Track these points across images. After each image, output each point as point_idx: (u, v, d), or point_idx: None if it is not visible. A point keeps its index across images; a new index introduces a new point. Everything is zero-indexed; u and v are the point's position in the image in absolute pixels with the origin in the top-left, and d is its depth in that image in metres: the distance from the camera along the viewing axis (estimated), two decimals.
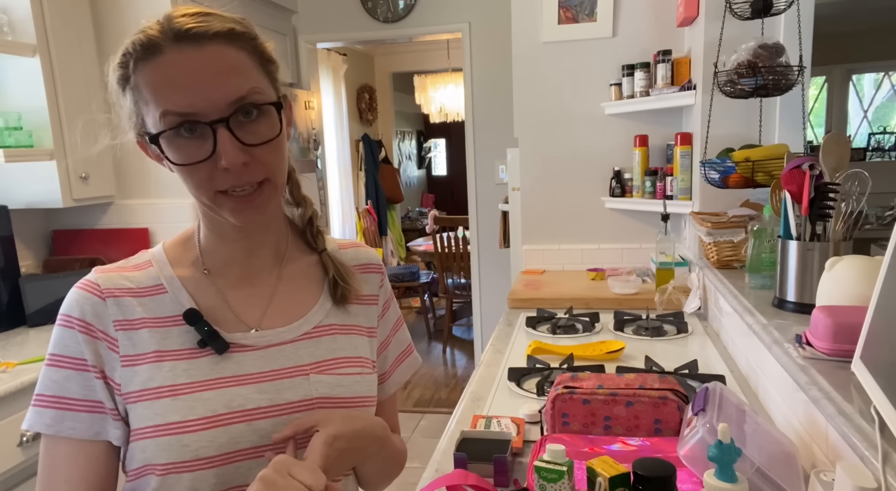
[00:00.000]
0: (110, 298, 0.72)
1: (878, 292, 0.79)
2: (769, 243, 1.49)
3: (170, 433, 0.68)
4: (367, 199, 5.98)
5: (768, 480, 0.84)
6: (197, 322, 0.73)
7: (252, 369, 0.74)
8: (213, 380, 0.72)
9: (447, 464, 1.11)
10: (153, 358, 0.71)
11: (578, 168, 2.60)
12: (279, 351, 0.76)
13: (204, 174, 0.68)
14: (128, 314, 0.72)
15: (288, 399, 0.74)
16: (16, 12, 2.09)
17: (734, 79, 1.70)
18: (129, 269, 0.77)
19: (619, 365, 1.55)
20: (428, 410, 3.69)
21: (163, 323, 0.73)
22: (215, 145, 0.66)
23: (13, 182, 2.24)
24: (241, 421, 0.71)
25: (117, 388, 0.71)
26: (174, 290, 0.76)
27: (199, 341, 0.73)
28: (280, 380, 0.75)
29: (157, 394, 0.70)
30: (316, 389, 0.76)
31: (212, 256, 0.79)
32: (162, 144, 0.68)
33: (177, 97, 0.65)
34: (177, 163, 0.68)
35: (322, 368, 0.78)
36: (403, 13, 3.60)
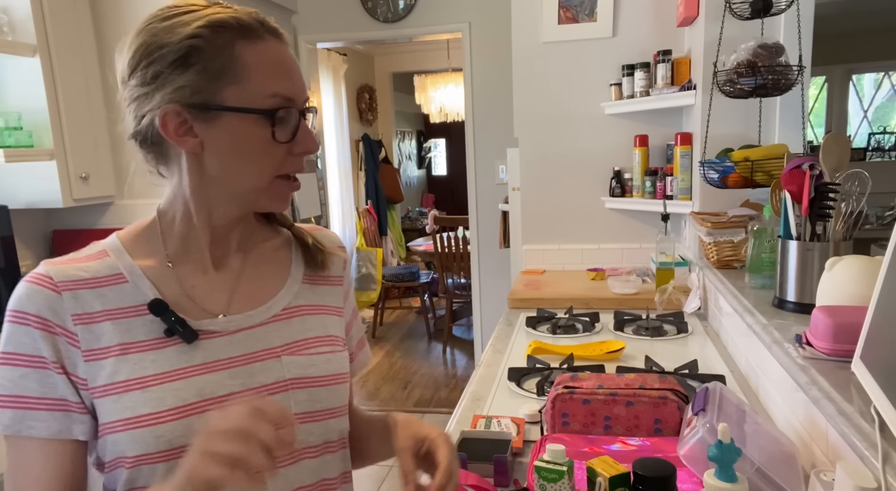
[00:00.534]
0: (66, 292, 0.69)
1: (878, 292, 0.79)
2: (769, 243, 1.49)
3: (141, 425, 0.67)
4: (367, 199, 5.98)
5: (768, 480, 0.84)
6: (163, 312, 0.71)
7: (222, 355, 0.73)
8: (181, 369, 0.71)
9: None
10: (118, 351, 0.70)
11: (578, 168, 2.60)
12: (248, 335, 0.76)
13: (279, 156, 0.72)
14: (86, 307, 0.70)
15: (260, 382, 0.74)
16: (16, 12, 2.09)
17: (734, 78, 1.70)
18: (81, 259, 0.73)
19: (619, 365, 1.55)
20: (428, 410, 3.69)
21: (125, 314, 0.71)
22: (296, 132, 0.72)
23: (13, 182, 2.24)
24: (214, 407, 0.69)
25: (82, 382, 0.69)
26: (135, 278, 0.73)
27: (166, 331, 0.71)
28: (251, 364, 0.74)
29: (124, 387, 0.69)
30: (288, 370, 0.76)
31: (176, 245, 0.77)
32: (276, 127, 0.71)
33: (284, 82, 0.71)
34: (279, 140, 0.71)
35: (293, 350, 0.78)
36: (403, 13, 3.61)
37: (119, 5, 2.36)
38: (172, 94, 0.69)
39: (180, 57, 0.68)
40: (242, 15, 0.71)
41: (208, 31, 0.68)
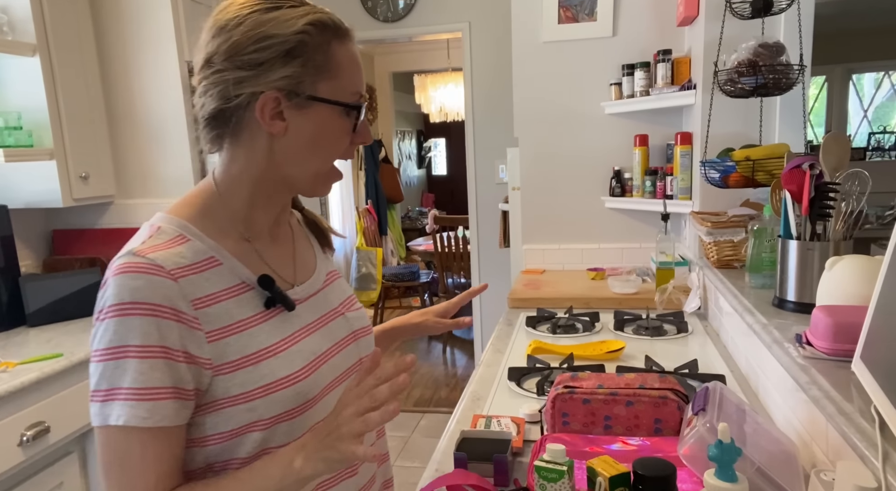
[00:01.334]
0: (181, 279, 0.72)
1: (878, 292, 0.79)
2: (769, 243, 1.49)
3: (284, 386, 0.75)
4: (367, 198, 5.98)
5: (768, 480, 0.84)
6: (271, 286, 0.79)
7: (310, 318, 0.84)
8: (294, 334, 0.80)
9: (447, 464, 1.11)
10: (237, 327, 0.75)
11: (578, 168, 2.60)
12: (317, 299, 0.87)
13: (344, 144, 0.81)
14: (199, 291, 0.73)
15: (340, 336, 0.87)
16: (16, 12, 2.09)
17: (734, 78, 1.70)
18: (166, 245, 0.74)
19: (619, 365, 1.55)
20: (428, 410, 3.69)
21: (229, 293, 0.76)
22: (357, 123, 0.81)
23: (13, 182, 2.24)
24: (324, 362, 0.82)
25: (207, 362, 0.72)
26: (227, 261, 0.78)
27: (266, 303, 0.78)
28: (329, 323, 0.87)
29: (256, 358, 0.75)
30: (351, 324, 0.91)
31: (246, 223, 0.83)
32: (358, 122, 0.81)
33: (360, 80, 0.81)
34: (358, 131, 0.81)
35: (347, 307, 0.92)
36: (403, 13, 3.60)
37: (119, 5, 2.36)
38: (277, 81, 0.75)
39: (289, 49, 0.75)
40: (334, 17, 0.79)
41: (314, 28, 0.76)
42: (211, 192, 0.81)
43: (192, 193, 0.82)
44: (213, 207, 0.80)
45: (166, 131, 2.41)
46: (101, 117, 2.40)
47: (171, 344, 0.69)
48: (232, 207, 0.81)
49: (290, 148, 0.78)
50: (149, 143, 2.44)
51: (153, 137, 2.43)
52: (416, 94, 5.97)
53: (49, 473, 1.73)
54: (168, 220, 0.77)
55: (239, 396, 0.73)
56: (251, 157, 0.79)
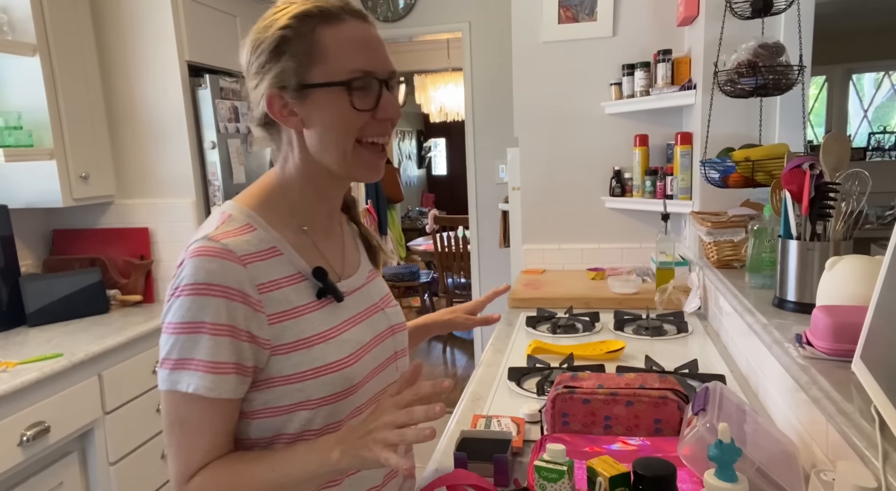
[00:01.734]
0: (249, 265, 0.78)
1: (878, 292, 0.79)
2: (769, 243, 1.49)
3: (333, 371, 0.82)
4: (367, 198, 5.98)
5: (768, 480, 0.84)
6: (324, 278, 0.85)
7: (355, 311, 0.90)
8: (342, 323, 0.86)
9: (447, 464, 1.11)
10: (295, 313, 0.81)
11: (578, 168, 2.60)
12: (361, 294, 0.93)
13: (360, 123, 0.81)
14: (263, 277, 0.79)
15: (380, 330, 0.93)
16: (16, 12, 2.09)
17: (734, 78, 1.70)
18: (236, 232, 0.80)
19: (619, 365, 1.55)
20: None
21: (289, 282, 0.82)
22: (378, 100, 0.81)
23: (13, 182, 2.24)
24: (367, 351, 0.88)
25: (266, 343, 0.78)
26: (287, 252, 0.84)
27: (318, 293, 0.84)
28: (371, 316, 0.93)
29: (309, 342, 0.81)
30: (390, 319, 0.97)
31: (304, 216, 0.88)
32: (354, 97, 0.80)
33: (362, 56, 0.80)
34: (358, 108, 0.80)
35: (386, 303, 0.98)
36: (403, 13, 3.60)
37: (119, 5, 2.36)
38: (272, 79, 0.80)
39: (274, 47, 0.80)
40: (324, 3, 0.81)
41: (294, 20, 0.79)
42: (273, 186, 0.88)
43: (256, 185, 0.88)
44: (275, 200, 0.87)
45: (166, 131, 2.41)
46: (101, 117, 2.40)
47: (238, 324, 0.76)
48: (290, 200, 0.87)
49: (313, 137, 0.83)
50: (149, 143, 2.44)
51: (153, 137, 2.43)
52: (416, 94, 5.97)
53: (49, 473, 1.73)
54: (238, 209, 0.84)
55: (292, 376, 0.80)
56: (293, 153, 0.85)
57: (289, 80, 0.80)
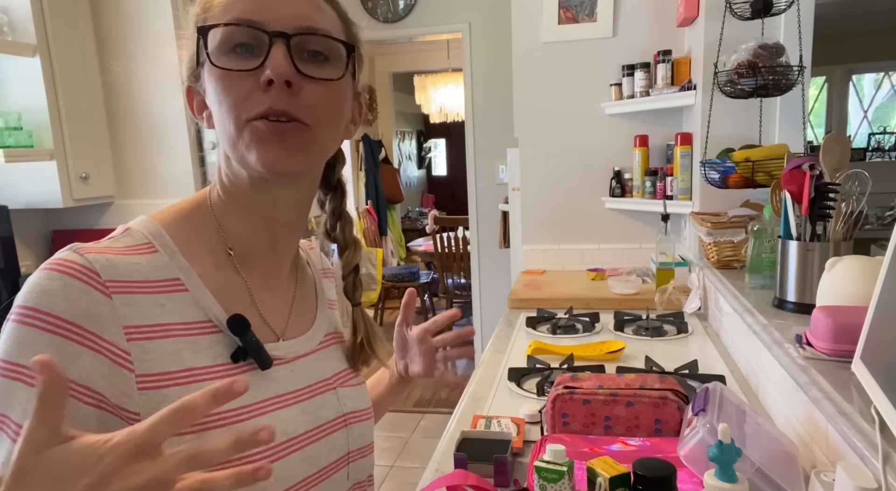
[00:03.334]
0: (119, 295, 0.54)
1: (879, 292, 0.79)
2: (769, 243, 1.49)
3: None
4: (368, 199, 5.98)
5: (768, 481, 0.84)
6: (244, 333, 0.60)
7: (290, 387, 0.64)
8: (261, 402, 0.59)
9: (447, 464, 1.11)
10: (186, 377, 0.55)
11: (578, 168, 2.60)
12: (305, 364, 0.67)
13: (239, 91, 0.58)
14: (143, 318, 0.55)
15: (325, 419, 0.66)
16: (16, 12, 2.09)
17: (734, 79, 1.70)
18: (127, 251, 0.58)
19: (619, 365, 1.55)
20: (428, 410, 3.69)
21: (188, 330, 0.58)
22: (266, 58, 0.58)
23: (13, 182, 2.24)
24: (295, 449, 0.61)
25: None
26: (195, 289, 0.60)
27: (234, 354, 0.59)
28: (315, 397, 0.66)
29: (202, 425, 0.55)
30: (344, 403, 0.70)
31: (233, 239, 0.65)
32: (210, 50, 0.59)
33: (245, 4, 0.59)
34: (219, 66, 0.59)
35: (342, 381, 0.71)
36: (403, 13, 3.61)
37: (119, 5, 2.36)
38: (186, 70, 0.65)
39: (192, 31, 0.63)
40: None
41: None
42: (201, 199, 0.66)
43: (187, 198, 0.67)
44: (200, 218, 0.65)
45: (166, 131, 2.41)
46: (101, 117, 2.40)
47: (78, 378, 0.51)
48: (220, 221, 0.65)
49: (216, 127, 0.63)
50: (149, 143, 2.44)
51: (153, 138, 2.43)
52: (416, 94, 5.97)
53: None
54: (143, 224, 0.62)
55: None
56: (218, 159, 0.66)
57: (193, 64, 0.63)
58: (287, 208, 0.67)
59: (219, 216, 0.65)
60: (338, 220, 0.76)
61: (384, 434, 3.38)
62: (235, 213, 0.65)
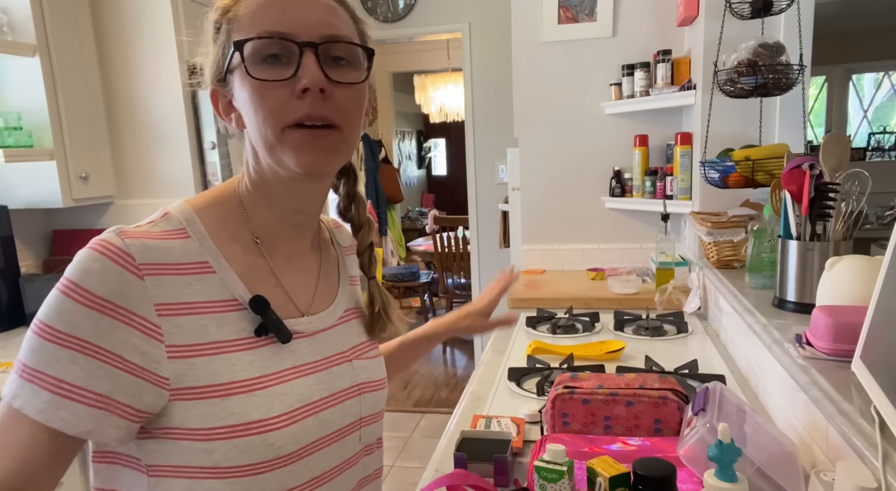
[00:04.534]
0: (151, 277, 0.60)
1: (878, 292, 0.79)
2: (769, 243, 1.49)
3: (252, 433, 0.62)
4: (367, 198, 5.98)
5: (768, 480, 0.84)
6: (265, 311, 0.66)
7: (308, 358, 0.70)
8: (279, 372, 0.66)
9: (447, 464, 1.11)
10: (209, 349, 0.62)
11: (578, 168, 2.60)
12: (325, 337, 0.74)
13: (276, 101, 0.64)
14: (173, 297, 0.61)
15: (339, 387, 0.72)
16: (16, 12, 2.09)
17: (734, 78, 1.70)
18: (163, 235, 0.64)
19: (619, 365, 1.55)
20: (428, 410, 3.69)
21: (214, 308, 0.64)
22: (298, 68, 0.64)
23: (13, 182, 2.24)
24: (310, 414, 0.67)
25: (163, 382, 0.60)
26: (222, 271, 0.66)
27: (258, 329, 0.66)
28: (331, 368, 0.72)
29: (226, 390, 0.61)
30: (358, 374, 0.76)
31: (259, 227, 0.71)
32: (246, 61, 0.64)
33: (272, 16, 0.64)
34: (255, 77, 0.64)
35: (358, 353, 0.78)
36: (403, 13, 3.61)
37: (119, 5, 2.36)
38: (210, 73, 0.70)
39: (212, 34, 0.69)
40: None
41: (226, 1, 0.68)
42: (230, 190, 0.72)
43: (217, 186, 0.73)
44: (229, 206, 0.71)
45: (166, 132, 2.41)
46: (100, 117, 2.40)
47: (109, 346, 0.58)
48: (248, 211, 0.71)
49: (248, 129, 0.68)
50: (149, 143, 2.44)
51: (153, 138, 2.43)
52: (416, 94, 5.98)
53: None
54: (181, 210, 0.68)
55: (197, 432, 0.61)
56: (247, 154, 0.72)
57: (218, 68, 0.68)
58: (313, 199, 0.74)
59: (247, 206, 0.71)
60: (352, 201, 0.84)
61: (384, 434, 3.37)
62: (263, 205, 0.71)
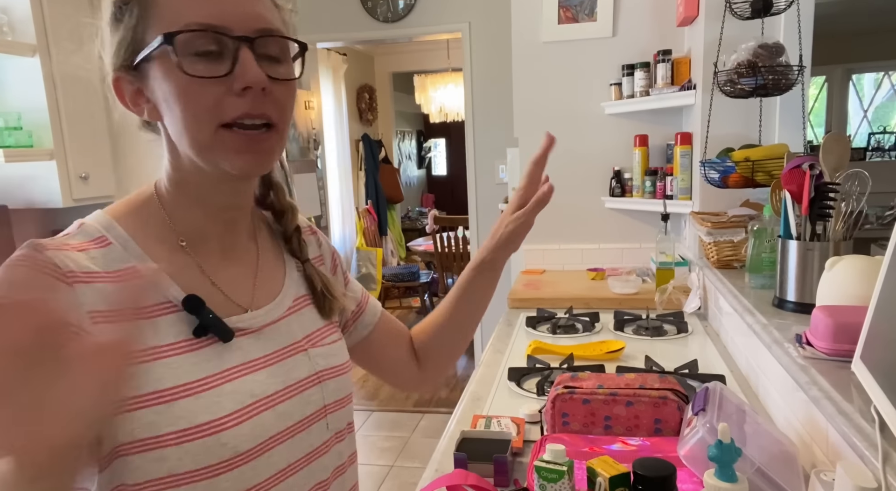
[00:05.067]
0: (79, 284, 0.57)
1: (878, 292, 0.79)
2: (769, 243, 1.49)
3: (204, 435, 0.60)
4: (367, 199, 5.98)
5: (768, 480, 0.84)
6: (199, 310, 0.64)
7: (257, 354, 0.68)
8: (226, 371, 0.64)
9: (447, 464, 1.11)
10: (151, 355, 0.60)
11: (578, 168, 2.60)
12: (273, 330, 0.71)
13: (210, 98, 0.60)
14: (105, 304, 0.59)
15: (296, 378, 0.71)
16: (16, 12, 2.09)
17: (734, 78, 1.70)
18: (83, 246, 0.61)
19: (619, 365, 1.55)
20: (428, 410, 3.69)
21: (147, 313, 0.62)
22: (234, 64, 0.60)
23: (13, 182, 2.24)
24: (266, 408, 0.66)
25: None
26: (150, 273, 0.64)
27: (196, 330, 0.64)
28: (284, 360, 0.70)
29: (171, 395, 0.59)
30: (316, 363, 0.74)
31: (184, 227, 0.68)
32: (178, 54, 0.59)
33: (202, 6, 0.59)
34: (190, 73, 0.59)
35: (313, 341, 0.75)
36: (403, 13, 3.61)
37: None
38: (113, 58, 0.64)
39: (111, 15, 0.63)
40: None
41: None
42: (149, 192, 0.70)
43: (135, 191, 0.70)
44: (149, 208, 0.68)
45: None
46: (101, 117, 2.40)
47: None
48: (168, 210, 0.68)
49: (168, 124, 0.65)
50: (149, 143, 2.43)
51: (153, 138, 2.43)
52: (416, 94, 5.98)
53: None
54: (97, 218, 0.65)
55: (146, 441, 0.58)
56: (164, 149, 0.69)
57: (127, 54, 0.62)
58: (243, 195, 0.72)
59: (168, 208, 0.69)
60: (269, 189, 0.81)
61: (384, 434, 3.38)
62: (187, 205, 0.69)
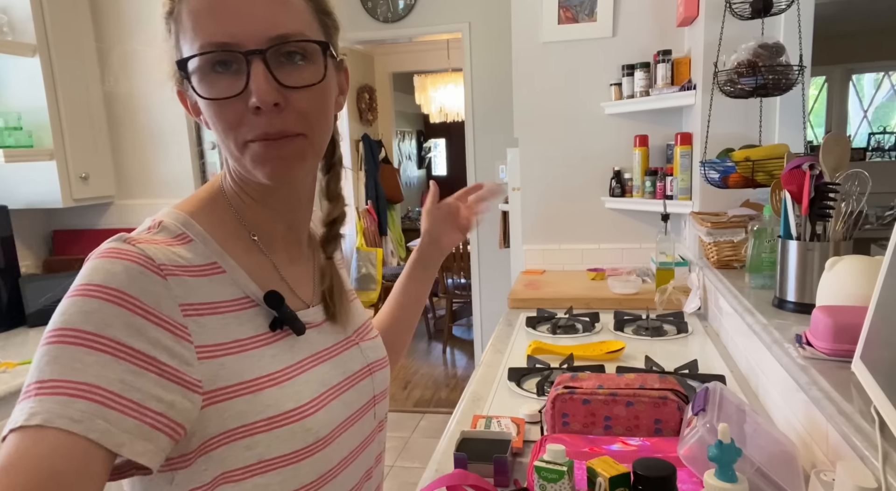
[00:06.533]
0: (172, 277, 0.58)
1: (878, 292, 0.79)
2: (769, 243, 1.49)
3: (291, 421, 0.63)
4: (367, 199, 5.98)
5: (768, 480, 0.84)
6: (279, 305, 0.66)
7: (321, 346, 0.72)
8: (300, 362, 0.67)
9: (447, 464, 1.11)
10: (236, 347, 0.62)
11: (578, 168, 2.60)
12: (330, 325, 0.75)
13: (232, 116, 0.61)
14: (193, 296, 0.60)
15: (353, 370, 0.74)
16: (16, 12, 2.09)
17: (734, 78, 1.70)
18: (169, 242, 0.61)
19: (619, 365, 1.55)
20: (428, 410, 3.69)
21: (230, 307, 0.64)
22: (248, 81, 0.59)
23: (13, 182, 2.24)
24: (335, 397, 0.69)
25: (196, 385, 0.57)
26: (231, 270, 0.65)
27: (272, 324, 0.66)
28: (342, 353, 0.74)
29: (257, 385, 0.61)
30: (367, 355, 0.78)
31: (253, 225, 0.70)
32: (193, 79, 0.61)
33: (214, 25, 0.59)
34: (205, 96, 0.61)
35: (362, 336, 0.80)
36: (403, 13, 3.61)
37: (119, 6, 2.36)
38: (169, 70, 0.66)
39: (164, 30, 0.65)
40: None
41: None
42: (217, 188, 0.70)
43: (202, 187, 0.71)
44: (220, 204, 0.69)
45: (166, 131, 2.41)
46: (100, 117, 2.40)
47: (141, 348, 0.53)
48: (238, 209, 0.70)
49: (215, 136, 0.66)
50: (149, 143, 2.44)
51: (153, 138, 2.43)
52: (416, 94, 5.98)
53: None
54: (173, 216, 0.65)
55: (236, 431, 0.59)
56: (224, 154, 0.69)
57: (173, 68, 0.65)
58: (297, 197, 0.73)
59: (236, 206, 0.70)
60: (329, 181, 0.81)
61: None
62: (251, 205, 0.70)
